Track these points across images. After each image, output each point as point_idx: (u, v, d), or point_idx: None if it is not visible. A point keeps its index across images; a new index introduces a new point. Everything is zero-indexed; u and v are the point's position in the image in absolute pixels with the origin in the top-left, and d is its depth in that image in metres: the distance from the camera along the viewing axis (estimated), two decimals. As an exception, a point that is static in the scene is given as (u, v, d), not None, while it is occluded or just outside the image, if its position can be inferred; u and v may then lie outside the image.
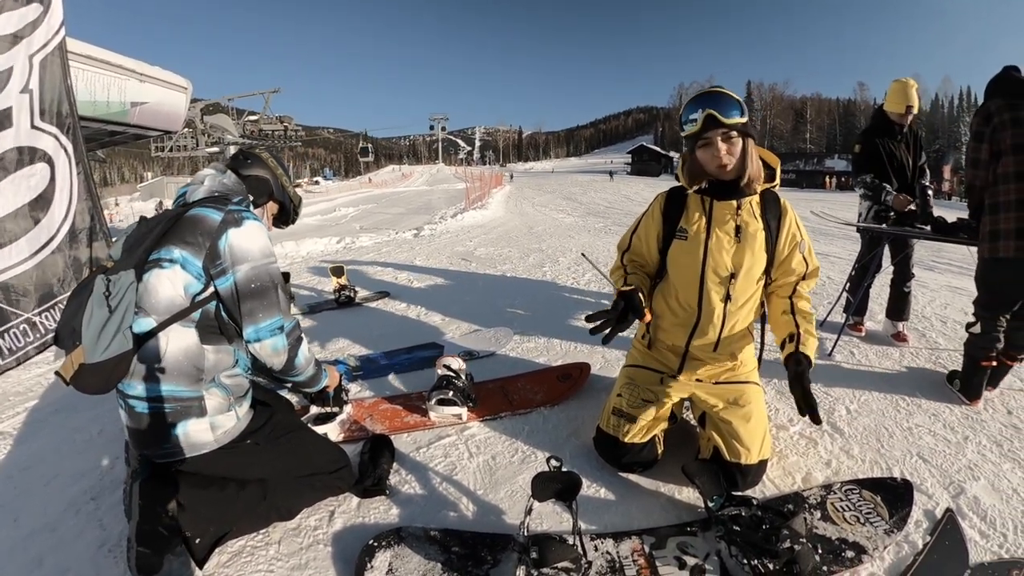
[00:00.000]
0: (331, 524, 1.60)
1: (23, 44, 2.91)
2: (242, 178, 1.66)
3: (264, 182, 1.74)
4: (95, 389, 1.29)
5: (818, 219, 4.65)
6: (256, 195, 1.71)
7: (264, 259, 1.48)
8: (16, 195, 2.87)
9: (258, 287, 1.45)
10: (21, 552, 1.51)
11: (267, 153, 1.79)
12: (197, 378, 1.40)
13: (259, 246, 1.48)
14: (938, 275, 5.41)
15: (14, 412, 2.34)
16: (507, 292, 4.61)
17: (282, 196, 1.82)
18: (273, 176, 1.76)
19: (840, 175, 38.72)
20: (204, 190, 1.55)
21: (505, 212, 13.53)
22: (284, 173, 1.81)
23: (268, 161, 1.77)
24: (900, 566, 1.42)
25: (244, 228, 1.46)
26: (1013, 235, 2.15)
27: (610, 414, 1.87)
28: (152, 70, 8.60)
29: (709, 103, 1.61)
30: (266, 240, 1.51)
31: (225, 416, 1.44)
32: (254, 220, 1.51)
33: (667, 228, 1.84)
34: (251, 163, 1.73)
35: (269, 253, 1.51)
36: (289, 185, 1.84)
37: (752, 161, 1.69)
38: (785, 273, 1.83)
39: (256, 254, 1.46)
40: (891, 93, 3.12)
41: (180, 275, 1.38)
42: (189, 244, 1.40)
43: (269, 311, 1.47)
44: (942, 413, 2.28)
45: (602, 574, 1.40)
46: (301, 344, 1.60)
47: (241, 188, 1.63)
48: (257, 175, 1.72)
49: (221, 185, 1.58)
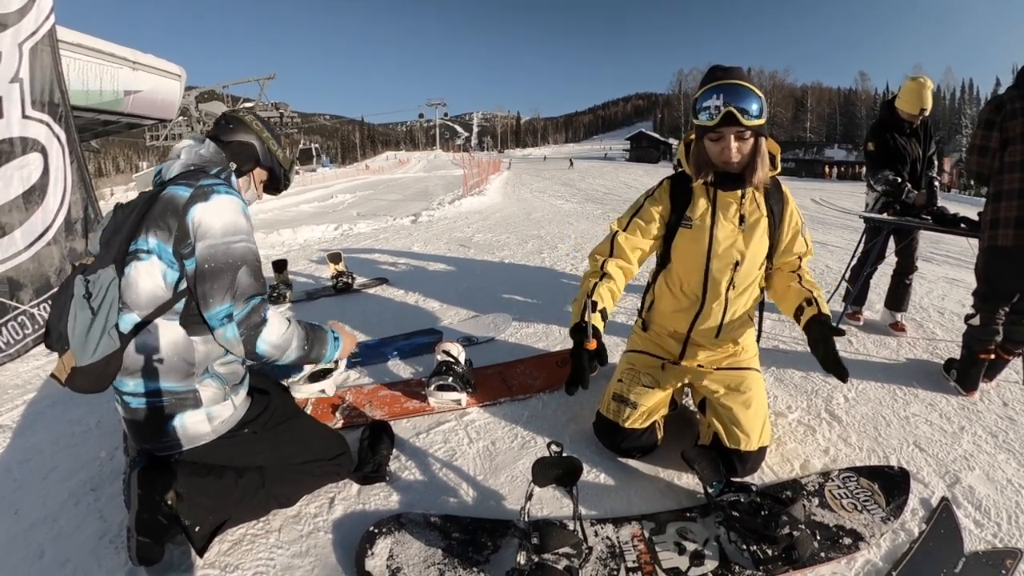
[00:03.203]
0: (331, 511, 1.61)
1: (11, 32, 2.85)
2: (225, 145, 1.56)
3: (248, 147, 1.61)
4: (90, 390, 1.29)
5: (818, 207, 4.64)
6: (240, 162, 1.59)
7: (225, 237, 1.35)
8: (9, 186, 2.84)
9: (211, 268, 1.33)
10: (22, 544, 1.51)
11: (252, 115, 1.66)
12: (188, 372, 1.37)
13: (223, 223, 1.35)
14: (936, 267, 5.41)
15: (12, 405, 2.33)
16: (505, 278, 4.60)
17: (270, 161, 1.67)
18: (259, 140, 1.63)
19: (840, 164, 38.59)
20: (179, 165, 1.46)
21: (503, 198, 13.46)
22: (271, 136, 1.67)
23: (252, 124, 1.63)
24: (896, 553, 1.43)
25: (211, 202, 1.35)
26: (1013, 224, 2.14)
27: (610, 399, 1.88)
28: (145, 58, 8.50)
29: (731, 96, 1.53)
30: (235, 216, 1.38)
31: (221, 406, 1.43)
32: (226, 194, 1.39)
33: (674, 216, 1.81)
34: (233, 128, 1.60)
35: (235, 231, 1.37)
36: (278, 149, 1.70)
37: (763, 162, 1.64)
38: (788, 253, 1.85)
39: (217, 231, 1.34)
40: (906, 92, 3.07)
41: (157, 265, 1.32)
42: (160, 230, 1.32)
43: (219, 296, 1.34)
44: (939, 403, 2.29)
45: (603, 559, 1.41)
46: (262, 330, 1.39)
47: (220, 157, 1.53)
48: (240, 140, 1.59)
49: (197, 157, 1.49)
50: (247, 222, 1.42)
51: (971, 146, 2.34)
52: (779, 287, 1.86)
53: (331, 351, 1.65)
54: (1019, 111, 2.14)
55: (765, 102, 1.57)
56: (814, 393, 2.37)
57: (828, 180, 33.63)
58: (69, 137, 3.18)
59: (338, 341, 1.69)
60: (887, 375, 2.56)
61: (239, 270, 1.36)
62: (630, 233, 1.84)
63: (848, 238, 6.93)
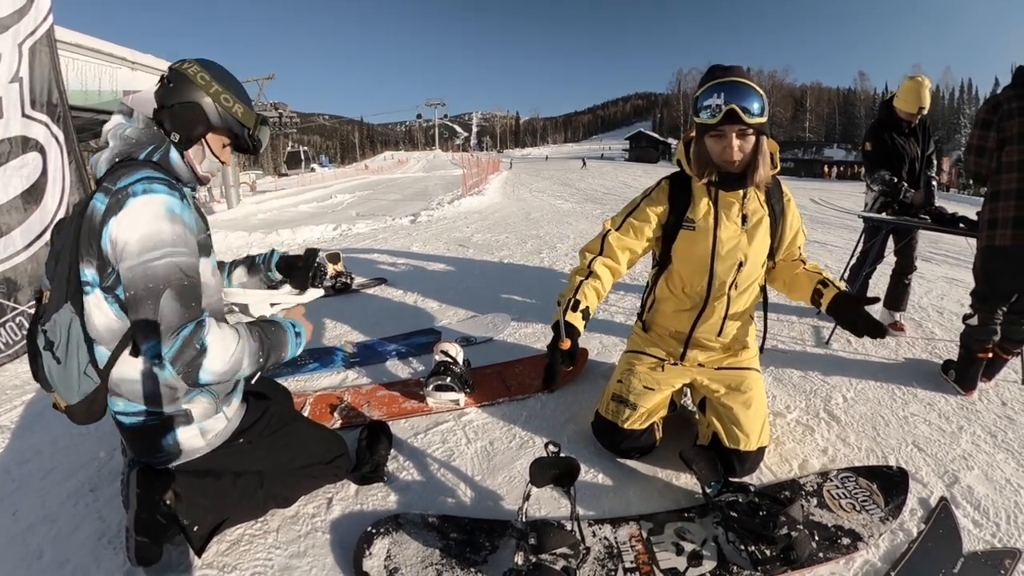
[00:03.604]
0: (329, 511, 1.61)
1: (10, 32, 2.86)
2: (167, 111, 1.28)
3: (193, 109, 1.29)
4: (87, 422, 1.28)
5: (817, 207, 4.64)
6: (185, 130, 1.29)
7: (142, 256, 1.12)
8: (8, 186, 2.84)
9: (133, 296, 1.13)
10: (21, 545, 1.51)
11: (197, 65, 1.32)
12: (173, 397, 1.31)
13: (139, 236, 1.13)
14: (935, 266, 5.41)
15: (11, 406, 2.33)
16: (504, 278, 4.60)
17: (226, 121, 1.34)
18: (208, 96, 1.31)
19: (839, 164, 38.62)
20: (106, 159, 1.25)
21: (502, 198, 13.45)
22: (224, 89, 1.33)
23: (197, 77, 1.29)
24: (895, 553, 1.43)
25: (124, 212, 1.13)
26: (1011, 224, 2.14)
27: (609, 400, 1.87)
28: (144, 58, 8.51)
29: (733, 95, 1.52)
30: (154, 224, 1.14)
31: (214, 419, 1.39)
32: (143, 195, 1.15)
33: (673, 218, 1.79)
34: (174, 87, 1.28)
35: (155, 244, 1.13)
36: (235, 103, 1.35)
37: (764, 161, 1.63)
38: (791, 249, 1.90)
39: (133, 249, 1.12)
40: (904, 92, 3.07)
41: (101, 298, 1.19)
42: (89, 257, 1.16)
43: (142, 331, 1.14)
44: (937, 403, 2.29)
45: (600, 560, 1.41)
46: (202, 361, 1.15)
47: (152, 133, 1.28)
48: (183, 102, 1.28)
49: (124, 142, 1.25)
50: (172, 226, 1.17)
51: (968, 146, 2.34)
52: (786, 276, 1.89)
53: (292, 350, 1.42)
54: (1016, 111, 2.14)
55: (766, 100, 1.57)
56: (813, 393, 2.37)
57: (827, 180, 33.68)
58: (68, 137, 3.18)
59: (300, 337, 1.45)
60: (886, 375, 2.56)
61: (162, 296, 1.13)
62: (623, 233, 1.83)
63: (847, 238, 6.93)
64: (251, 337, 1.27)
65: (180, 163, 1.32)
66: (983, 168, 2.28)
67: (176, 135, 1.29)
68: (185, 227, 1.21)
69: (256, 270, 1.75)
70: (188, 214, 1.24)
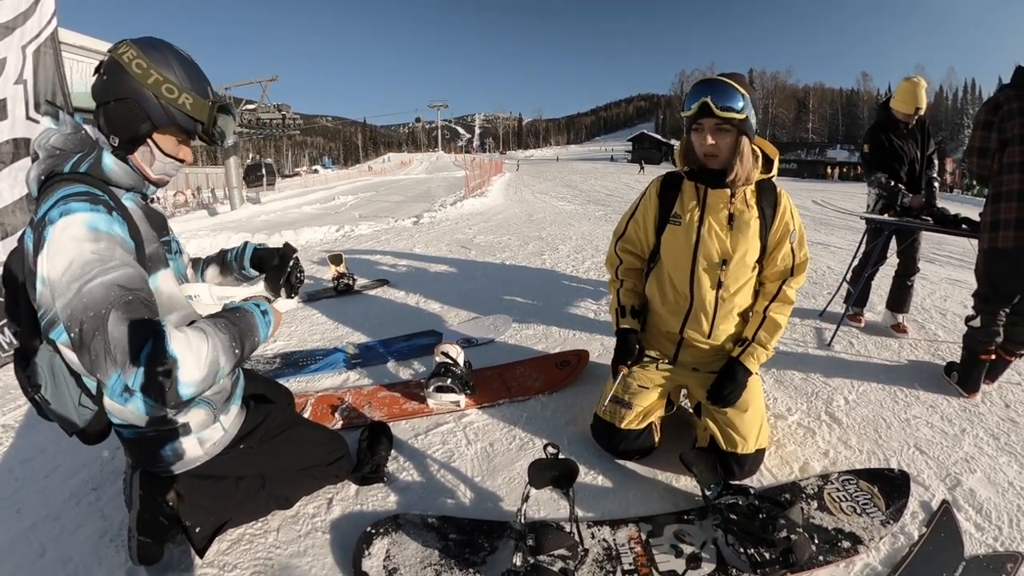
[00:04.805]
0: (329, 511, 1.61)
1: (16, 35, 2.88)
2: (101, 108, 1.13)
3: (128, 108, 1.11)
4: (98, 442, 1.28)
5: (819, 208, 4.63)
6: (125, 131, 1.13)
7: (72, 285, 0.97)
8: (13, 187, 2.86)
9: (78, 335, 0.97)
10: (24, 543, 1.52)
11: (134, 50, 1.11)
12: (165, 417, 1.26)
13: (63, 265, 0.98)
14: (938, 268, 5.39)
15: (15, 405, 2.35)
16: (506, 280, 4.60)
17: (170, 117, 1.15)
18: (148, 88, 1.11)
19: (842, 165, 38.51)
20: (35, 177, 1.10)
21: (505, 200, 13.47)
22: (167, 78, 1.13)
23: (132, 66, 1.10)
24: (896, 557, 1.42)
25: (47, 246, 0.99)
26: (1013, 225, 2.13)
27: (606, 401, 1.88)
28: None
29: (711, 91, 1.59)
30: (75, 247, 0.99)
31: (212, 429, 1.35)
32: (60, 219, 1.00)
33: (662, 212, 1.84)
34: (108, 79, 1.11)
35: (82, 267, 0.98)
36: (181, 93, 1.14)
37: (743, 160, 1.65)
38: (771, 264, 1.80)
39: (61, 281, 0.97)
40: (901, 93, 3.08)
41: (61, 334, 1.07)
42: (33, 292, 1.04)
43: (101, 368, 0.97)
44: (940, 405, 2.28)
45: (599, 562, 1.41)
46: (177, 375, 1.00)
47: (79, 139, 1.13)
48: (118, 99, 1.11)
49: (48, 153, 1.10)
50: (97, 244, 1.01)
51: (970, 148, 2.33)
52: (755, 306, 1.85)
53: (263, 331, 1.26)
54: (1016, 111, 2.13)
55: (749, 102, 1.60)
56: (814, 395, 2.36)
57: (830, 181, 33.59)
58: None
59: (267, 315, 1.29)
60: (888, 377, 2.55)
61: (107, 321, 0.97)
62: (630, 234, 1.94)
63: (850, 239, 6.91)
64: (219, 330, 1.12)
65: (118, 169, 1.15)
66: (986, 169, 2.28)
67: (115, 138, 1.14)
68: (112, 240, 1.05)
69: (228, 268, 1.59)
70: (118, 226, 1.08)
